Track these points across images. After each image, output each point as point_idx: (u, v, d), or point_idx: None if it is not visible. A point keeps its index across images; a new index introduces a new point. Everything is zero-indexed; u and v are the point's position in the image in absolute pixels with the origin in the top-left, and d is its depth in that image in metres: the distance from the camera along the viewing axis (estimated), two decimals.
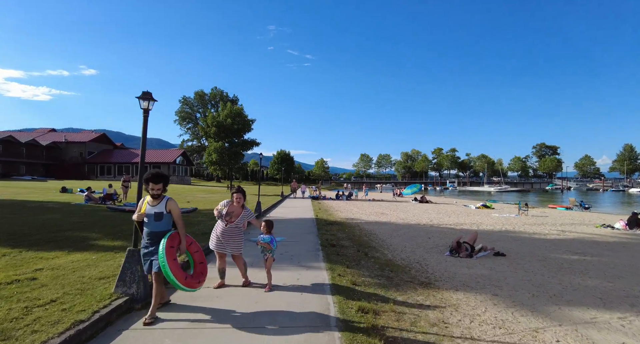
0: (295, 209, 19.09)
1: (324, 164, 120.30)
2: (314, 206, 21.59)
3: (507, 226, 13.65)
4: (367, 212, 18.85)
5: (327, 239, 9.11)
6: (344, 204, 25.28)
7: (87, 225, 9.47)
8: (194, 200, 21.15)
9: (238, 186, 5.14)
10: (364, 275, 5.88)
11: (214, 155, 32.17)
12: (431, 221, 15.08)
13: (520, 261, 7.41)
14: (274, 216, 15.31)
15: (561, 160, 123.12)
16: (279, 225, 12.18)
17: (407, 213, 19.08)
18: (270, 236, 5.05)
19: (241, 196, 5.00)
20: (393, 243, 9.28)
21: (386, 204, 26.51)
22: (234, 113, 32.79)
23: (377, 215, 17.12)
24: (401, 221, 14.87)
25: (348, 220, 14.80)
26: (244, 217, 5.05)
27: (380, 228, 12.35)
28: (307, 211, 17.57)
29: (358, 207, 22.43)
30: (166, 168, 58.47)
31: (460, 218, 16.96)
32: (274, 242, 5.07)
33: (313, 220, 13.62)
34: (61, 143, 57.66)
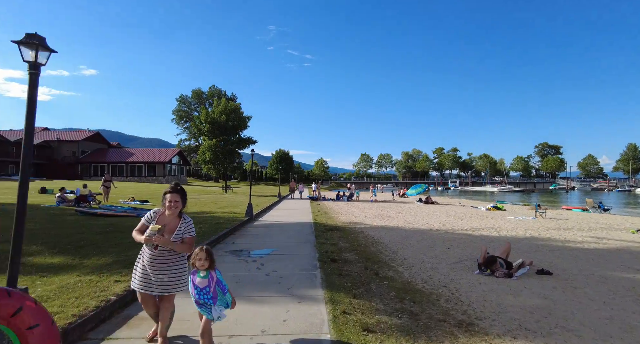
0: (292, 211, 17.44)
1: (324, 164, 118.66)
2: (312, 208, 19.96)
3: (531, 232, 12.02)
4: (371, 215, 17.20)
5: (326, 251, 7.47)
6: (345, 206, 23.64)
7: (37, 233, 7.83)
8: None
9: (174, 184, 3.31)
10: (378, 309, 4.24)
11: (207, 153, 30.51)
12: (443, 225, 13.44)
13: (574, 282, 5.78)
14: (268, 219, 13.68)
15: (564, 160, 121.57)
16: (271, 232, 10.63)
17: (414, 216, 17.44)
18: (209, 276, 2.93)
19: (177, 198, 3.15)
20: (407, 256, 7.63)
21: (390, 205, 24.88)
22: (229, 109, 31.15)
23: (382, 219, 15.47)
24: (410, 225, 13.22)
25: (350, 224, 13.16)
26: (182, 233, 3.14)
27: (388, 234, 10.71)
28: (304, 214, 15.93)
29: (360, 209, 20.79)
30: (161, 168, 56.91)
31: (474, 221, 15.32)
32: (220, 288, 2.97)
33: (311, 225, 11.98)
34: (53, 142, 56.00)
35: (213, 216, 12.86)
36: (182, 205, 3.21)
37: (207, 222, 10.91)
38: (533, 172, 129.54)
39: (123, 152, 61.97)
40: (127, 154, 59.89)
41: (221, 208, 16.07)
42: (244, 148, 32.69)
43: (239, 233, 10.11)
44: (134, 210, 12.80)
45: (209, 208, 16.16)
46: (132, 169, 56.88)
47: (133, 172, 56.79)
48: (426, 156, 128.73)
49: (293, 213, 16.34)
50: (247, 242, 8.58)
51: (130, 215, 11.54)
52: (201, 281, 2.91)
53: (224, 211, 14.56)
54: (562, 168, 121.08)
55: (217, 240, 8.39)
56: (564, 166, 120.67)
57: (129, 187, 32.87)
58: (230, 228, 9.90)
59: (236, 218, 12.37)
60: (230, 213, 14.15)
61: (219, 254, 7.17)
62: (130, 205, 16.45)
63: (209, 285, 2.90)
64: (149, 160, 56.49)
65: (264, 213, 16.05)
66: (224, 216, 12.97)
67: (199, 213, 13.82)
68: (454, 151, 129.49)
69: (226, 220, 11.84)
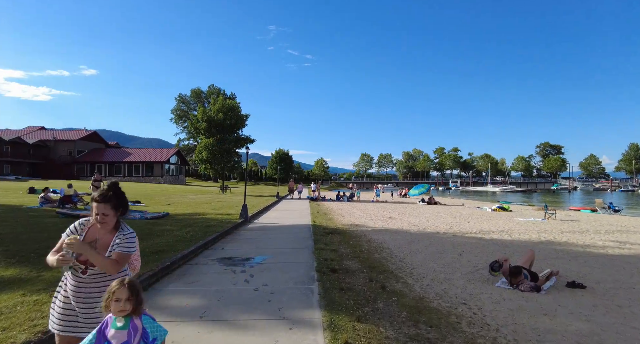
0: (290, 212, 16.64)
1: (324, 164, 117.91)
2: (312, 209, 19.15)
3: (545, 235, 11.21)
4: (373, 216, 16.39)
5: (326, 259, 6.66)
6: (346, 206, 22.83)
7: (4, 238, 7.03)
8: (178, 202, 18.72)
9: (107, 187, 2.31)
10: (389, 337, 3.43)
11: (204, 152, 29.70)
12: (450, 228, 12.63)
13: (615, 298, 4.97)
14: (264, 221, 12.87)
15: (566, 160, 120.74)
16: (266, 235, 9.79)
17: (418, 217, 16.63)
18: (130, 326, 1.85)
19: (108, 210, 2.23)
20: (416, 264, 6.82)
21: (392, 206, 24.07)
22: (227, 107, 30.34)
23: (385, 221, 14.67)
24: (415, 228, 12.41)
25: (352, 227, 12.35)
26: (118, 248, 2.21)
27: (393, 238, 9.90)
28: (303, 215, 15.13)
29: (362, 210, 19.98)
30: (159, 168, 56.15)
31: (481, 223, 14.52)
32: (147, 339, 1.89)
33: (309, 228, 11.18)
34: (49, 141, 55.20)
35: (205, 218, 12.06)
36: (116, 217, 2.30)
37: (197, 225, 10.11)
38: (534, 172, 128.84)
39: (120, 151, 61.19)
40: (125, 154, 59.11)
41: (215, 209, 15.26)
42: (242, 147, 31.87)
43: (231, 237, 9.31)
44: None
45: (202, 209, 15.35)
46: (129, 169, 56.10)
47: (130, 172, 56.01)
48: (427, 156, 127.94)
49: (291, 215, 15.54)
50: (238, 248, 7.77)
51: None
52: (117, 335, 1.82)
53: (218, 213, 13.76)
54: (563, 168, 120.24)
55: (205, 246, 7.58)
56: (565, 166, 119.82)
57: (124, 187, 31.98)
58: (221, 232, 9.10)
59: (230, 220, 11.56)
60: (224, 214, 13.34)
61: (204, 262, 6.36)
62: None
63: (130, 340, 1.83)
64: (146, 160, 55.71)
65: (260, 215, 15.25)
66: (217, 218, 12.16)
67: (190, 214, 13.02)
68: (454, 151, 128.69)
69: (218, 222, 11.04)
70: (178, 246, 6.96)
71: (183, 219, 11.46)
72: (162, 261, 5.67)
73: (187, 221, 10.77)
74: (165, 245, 6.98)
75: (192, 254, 6.75)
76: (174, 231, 8.82)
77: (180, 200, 20.97)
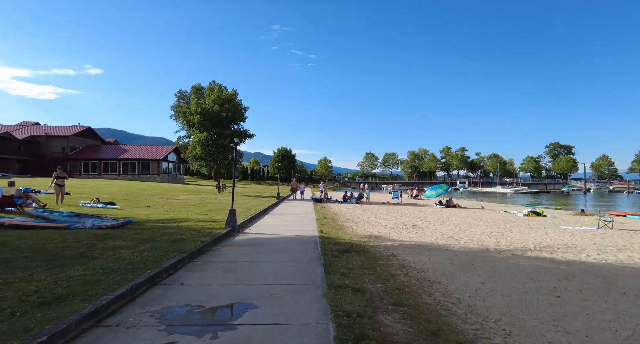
0: (291, 218, 13.86)
1: (328, 163, 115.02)
2: (317, 212, 16.36)
3: (631, 253, 8.35)
4: (392, 223, 13.57)
5: (348, 314, 3.82)
6: (356, 209, 20.01)
7: None
8: (161, 204, 16.01)
9: None
10: None
11: (198, 148, 26.94)
12: (497, 241, 9.79)
13: None
14: (256, 231, 10.06)
15: (576, 161, 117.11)
16: (254, 256, 6.31)
17: (447, 224, 13.78)
18: None
19: None
20: (506, 323, 3.99)
21: (407, 209, 21.23)
22: (223, 98, 27.57)
23: (409, 230, 11.83)
24: (453, 242, 9.57)
25: (371, 239, 9.54)
26: None
27: (434, 261, 7.08)
28: (306, 222, 12.34)
29: (376, 214, 17.16)
30: (155, 166, 53.58)
31: (527, 233, 11.66)
32: None
33: (316, 242, 8.38)
34: (40, 137, 52.78)
35: (180, 226, 9.29)
36: None
37: (164, 238, 7.34)
38: (543, 172, 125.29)
39: (116, 148, 58.69)
40: (120, 151, 56.62)
41: (201, 214, 12.52)
42: (239, 143, 29.11)
43: (205, 258, 6.53)
44: (70, 219, 9.25)
45: (185, 213, 12.60)
46: (124, 166, 53.61)
47: (126, 170, 53.52)
48: (433, 155, 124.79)
49: (292, 221, 12.76)
50: (206, 282, 4.98)
51: (55, 226, 7.99)
52: None
53: (201, 219, 11.00)
54: (574, 169, 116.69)
55: (154, 279, 4.80)
56: (576, 167, 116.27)
57: (111, 186, 29.43)
58: (191, 252, 6.32)
59: (211, 231, 8.80)
60: (208, 221, 10.60)
61: (133, 323, 3.53)
62: (87, 208, 12.98)
63: None
64: (141, 157, 53.21)
65: (254, 221, 12.47)
66: (197, 226, 9.40)
67: (165, 221, 10.26)
68: (461, 150, 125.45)
69: (195, 233, 8.27)
70: (104, 283, 4.20)
71: (150, 228, 8.70)
72: (36, 334, 2.88)
73: (153, 232, 8.02)
74: (80, 281, 4.21)
75: (121, 301, 3.97)
76: (123, 250, 6.06)
77: (167, 201, 18.27)
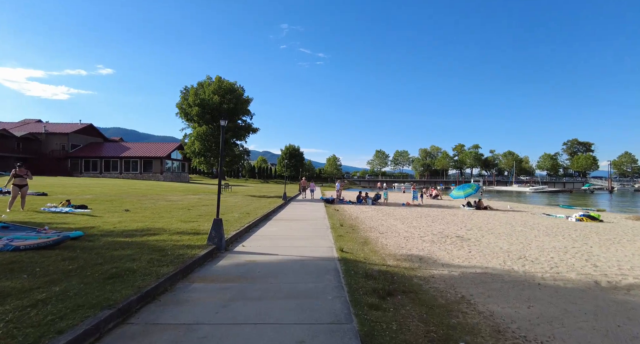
0: (298, 225, 11.09)
1: (336, 161, 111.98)
2: (330, 217, 13.59)
3: None
4: (427, 232, 10.70)
5: None
6: (373, 212, 17.18)
7: None
8: (144, 207, 13.43)
9: None
10: None
11: (196, 143, 24.40)
12: (595, 267, 6.87)
13: None
14: (250, 250, 7.28)
15: (596, 158, 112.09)
16: (238, 303, 3.64)
17: (495, 234, 10.84)
18: None
19: None
20: None
21: (434, 212, 18.30)
22: (224, 89, 24.97)
23: (454, 243, 8.96)
24: (532, 266, 6.68)
25: (413, 261, 6.70)
26: None
27: (542, 313, 4.23)
28: (319, 232, 9.57)
29: (399, 219, 14.31)
30: (158, 164, 51.41)
31: (617, 250, 8.70)
32: None
33: (336, 270, 5.61)
34: (40, 134, 50.97)
35: (146, 244, 6.59)
36: None
37: (97, 271, 4.65)
38: (560, 170, 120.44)
39: (118, 146, 56.64)
40: (122, 148, 54.54)
41: (186, 221, 9.86)
42: (242, 138, 26.47)
43: (148, 316, 3.78)
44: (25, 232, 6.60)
45: (166, 220, 9.94)
46: (126, 165, 51.55)
47: (128, 168, 51.46)
48: (445, 153, 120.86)
49: (300, 230, 10.00)
50: None
51: None
52: None
53: (181, 230, 8.32)
54: (594, 166, 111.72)
55: None
56: (596, 164, 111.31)
57: (103, 185, 27.06)
58: (125, 303, 3.60)
59: (185, 252, 6.10)
60: (189, 233, 7.91)
61: None
62: (46, 214, 10.43)
63: None
64: (143, 155, 51.05)
65: (252, 231, 9.74)
66: (167, 244, 6.69)
67: (131, 233, 7.59)
68: (475, 148, 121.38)
69: (157, 258, 5.57)
70: None
71: (97, 248, 6.01)
72: None
73: (95, 257, 5.35)
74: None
75: None
76: (12, 300, 3.36)
77: (155, 203, 15.70)
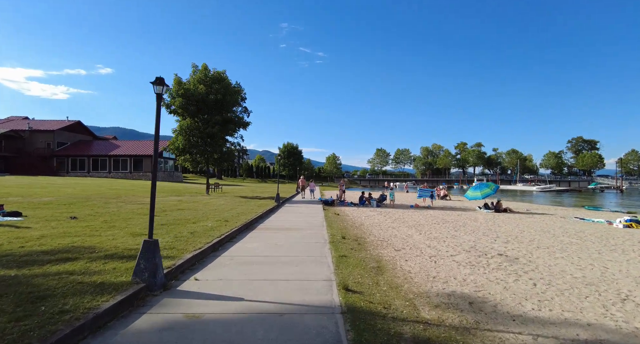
0: (286, 239, 8.51)
1: (336, 160, 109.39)
2: (330, 225, 11.04)
3: None
4: (456, 248, 8.13)
5: None
6: (381, 217, 14.64)
7: None
8: (101, 213, 10.88)
9: None
10: None
11: (180, 138, 21.83)
12: None
13: None
14: (203, 289, 4.69)
15: (602, 156, 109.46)
16: None
17: (544, 248, 8.27)
18: None
19: None
20: None
21: (448, 216, 15.76)
22: (211, 78, 22.39)
23: (502, 268, 6.39)
24: None
25: (460, 310, 4.15)
26: None
27: None
28: (312, 251, 7.01)
29: (414, 226, 11.76)
30: (149, 162, 48.81)
31: None
32: None
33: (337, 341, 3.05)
34: (24, 131, 48.32)
35: (38, 278, 4.03)
36: None
37: None
38: (564, 169, 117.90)
39: (107, 144, 54.04)
40: (112, 146, 51.95)
41: (137, 234, 7.34)
42: (232, 133, 23.86)
43: None
44: None
45: (112, 233, 7.40)
46: (115, 163, 48.96)
47: (117, 167, 48.89)
48: (448, 151, 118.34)
49: (288, 248, 7.42)
50: None
51: None
52: None
53: (120, 250, 5.81)
54: (600, 165, 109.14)
55: None
56: (602, 163, 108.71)
57: (76, 185, 24.50)
58: None
59: (89, 299, 3.55)
60: (124, 257, 5.41)
61: None
62: None
63: None
64: (132, 153, 48.48)
65: (219, 251, 7.16)
66: (78, 276, 4.15)
67: (39, 256, 5.06)
68: (478, 146, 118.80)
69: (24, 314, 3.00)
70: None
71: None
72: None
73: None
74: None
75: None
76: None
77: (122, 206, 13.16)
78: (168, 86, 4.62)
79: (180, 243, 6.72)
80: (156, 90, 4.53)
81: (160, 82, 4.48)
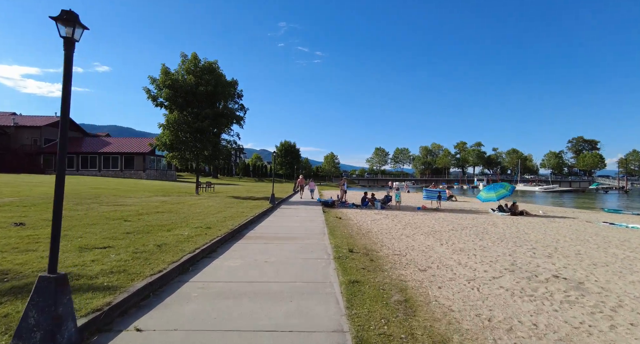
0: (279, 253, 6.77)
1: (334, 159, 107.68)
2: (332, 233, 9.33)
3: None
4: (499, 267, 6.46)
5: None
6: (389, 222, 12.95)
7: None
8: (64, 217, 9.04)
9: None
10: None
11: (167, 133, 20.06)
12: None
13: None
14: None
15: (603, 156, 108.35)
16: None
17: (604, 267, 6.62)
18: None
19: None
20: None
21: (463, 220, 14.10)
22: (201, 69, 20.63)
23: (568, 299, 4.73)
24: None
25: None
26: None
27: None
28: (313, 274, 5.31)
29: (431, 234, 10.08)
30: (141, 160, 46.94)
31: None
32: None
33: None
34: (9, 127, 46.28)
35: None
36: None
37: None
38: (565, 169, 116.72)
39: (98, 141, 52.03)
40: (102, 143, 49.95)
41: (84, 249, 5.61)
42: (225, 128, 22.09)
43: None
44: None
45: (40, 251, 5.67)
46: (106, 161, 47.01)
47: (107, 165, 46.95)
48: (447, 151, 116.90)
49: (279, 269, 5.71)
50: None
51: None
52: None
53: (28, 280, 4.03)
54: (600, 165, 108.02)
55: None
56: (603, 163, 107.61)
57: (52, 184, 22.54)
58: None
59: None
60: (26, 290, 3.58)
61: None
62: None
63: None
64: (124, 151, 46.55)
65: (188, 273, 5.44)
66: None
67: None
68: (478, 146, 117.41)
69: None
70: None
71: None
72: None
73: None
74: None
75: None
76: None
77: (94, 208, 11.42)
78: (85, 26, 2.86)
79: (136, 264, 5.00)
80: (63, 32, 2.79)
81: (68, 18, 2.74)
